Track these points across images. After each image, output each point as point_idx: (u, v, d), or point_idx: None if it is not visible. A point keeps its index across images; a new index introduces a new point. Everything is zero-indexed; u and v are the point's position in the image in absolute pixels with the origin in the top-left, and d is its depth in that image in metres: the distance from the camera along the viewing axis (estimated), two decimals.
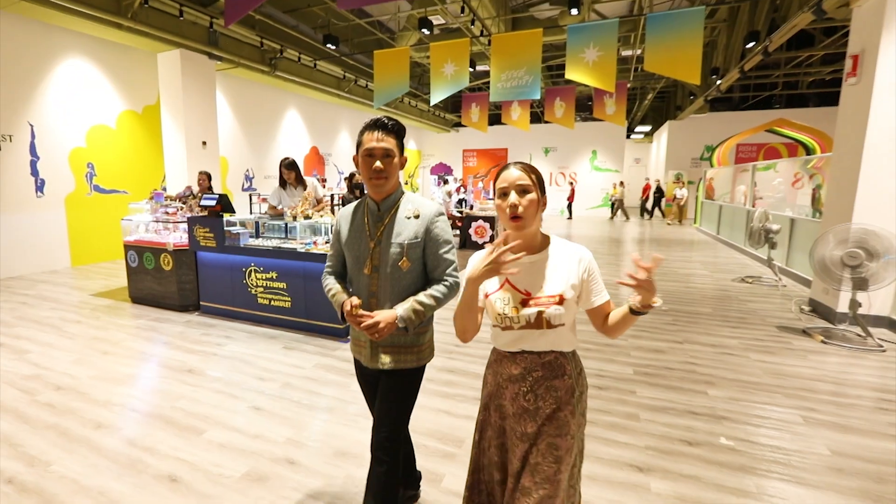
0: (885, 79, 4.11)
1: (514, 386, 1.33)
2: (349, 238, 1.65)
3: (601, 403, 2.98)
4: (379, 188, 1.57)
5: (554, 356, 1.31)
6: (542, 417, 1.29)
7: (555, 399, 1.30)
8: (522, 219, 1.26)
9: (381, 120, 1.56)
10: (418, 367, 1.65)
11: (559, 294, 1.27)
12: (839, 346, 3.99)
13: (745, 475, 2.26)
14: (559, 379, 1.31)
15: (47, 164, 7.39)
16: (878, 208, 4.24)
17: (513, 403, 1.33)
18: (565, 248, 1.34)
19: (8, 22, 6.71)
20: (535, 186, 1.28)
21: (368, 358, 1.63)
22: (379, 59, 8.44)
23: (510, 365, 1.35)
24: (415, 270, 1.58)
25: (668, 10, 6.57)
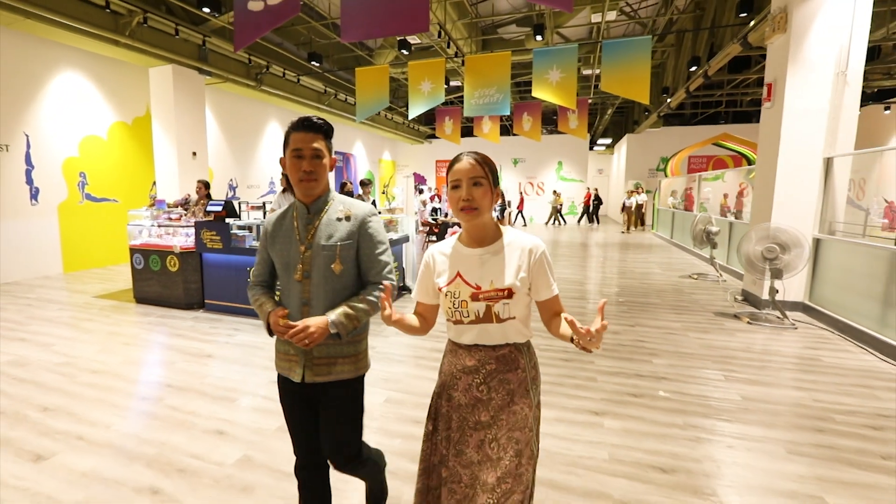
0: (792, 104, 5.00)
1: (468, 377, 1.33)
2: (278, 244, 1.56)
3: (567, 370, 3.64)
4: (309, 190, 1.49)
5: (508, 349, 1.32)
6: (494, 408, 1.29)
7: (507, 392, 1.30)
8: (476, 210, 1.26)
9: (309, 119, 1.47)
10: (357, 378, 1.57)
11: (507, 287, 1.26)
12: (761, 326, 4.80)
13: (676, 415, 2.94)
14: (512, 372, 1.31)
15: (41, 172, 7.65)
16: (791, 211, 5.11)
17: (465, 394, 1.33)
18: (518, 239, 1.32)
19: (6, 36, 7.01)
20: (487, 178, 1.27)
21: (301, 372, 1.51)
22: (360, 75, 9.03)
23: (465, 356, 1.34)
24: (348, 274, 1.52)
25: (621, 38, 7.44)
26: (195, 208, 5.98)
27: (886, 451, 2.48)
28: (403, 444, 2.60)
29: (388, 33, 4.11)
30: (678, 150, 16.58)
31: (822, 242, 5.03)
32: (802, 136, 5.03)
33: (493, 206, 1.30)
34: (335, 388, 1.53)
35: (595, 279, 7.55)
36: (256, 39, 4.56)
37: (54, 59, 7.75)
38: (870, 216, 11.21)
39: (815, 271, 5.12)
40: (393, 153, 22.11)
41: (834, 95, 4.87)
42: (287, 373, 1.55)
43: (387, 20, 4.08)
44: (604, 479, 2.25)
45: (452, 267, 1.34)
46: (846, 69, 4.81)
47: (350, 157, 18.06)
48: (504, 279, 1.27)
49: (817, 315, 4.95)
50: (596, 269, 8.48)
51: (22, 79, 7.31)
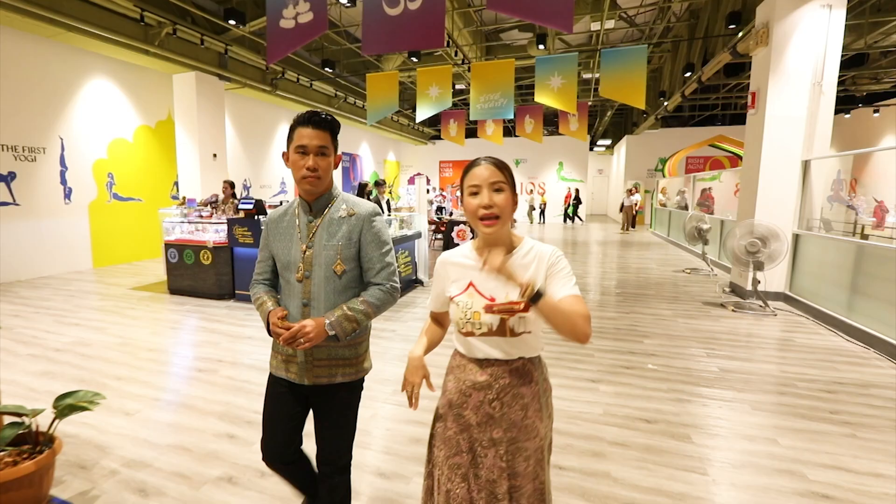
0: (773, 111, 5.49)
1: (480, 394, 1.25)
2: (279, 242, 1.52)
3: (568, 348, 4.13)
4: (312, 188, 1.44)
5: (522, 363, 1.25)
6: (507, 422, 1.24)
7: (521, 406, 1.24)
8: (497, 219, 1.18)
9: (317, 114, 1.42)
10: (357, 381, 1.53)
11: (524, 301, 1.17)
12: (744, 313, 5.28)
13: (661, 382, 3.43)
14: (526, 386, 1.25)
15: (74, 173, 8.15)
16: (773, 209, 5.59)
17: (477, 412, 1.26)
18: (535, 249, 1.25)
19: (43, 46, 7.50)
20: (508, 183, 1.20)
21: (300, 373, 1.48)
22: (371, 81, 9.51)
23: (475, 371, 1.27)
24: (350, 275, 1.47)
25: (619, 47, 7.92)
26: (224, 206, 6.48)
27: (835, 408, 2.97)
28: None
29: (406, 48, 4.60)
30: (676, 150, 17.08)
31: (801, 237, 5.51)
32: (783, 141, 5.51)
33: (514, 213, 1.23)
34: (334, 391, 1.49)
35: (595, 273, 8.04)
36: (288, 54, 5.05)
37: (85, 66, 8.24)
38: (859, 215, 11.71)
39: (794, 264, 5.61)
40: (397, 154, 22.60)
41: (811, 103, 5.36)
42: (283, 374, 1.52)
43: (406, 36, 4.56)
44: (599, 427, 2.74)
45: (465, 276, 1.27)
46: (822, 80, 5.29)
47: (356, 157, 18.55)
48: (517, 291, 1.15)
49: (796, 304, 5.44)
50: (596, 265, 8.97)
51: (57, 85, 7.81)
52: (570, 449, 2.49)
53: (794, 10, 5.29)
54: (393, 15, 4.38)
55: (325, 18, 4.78)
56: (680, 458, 2.40)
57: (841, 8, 5.19)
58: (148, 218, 9.40)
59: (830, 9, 5.18)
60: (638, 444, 2.54)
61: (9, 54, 7.10)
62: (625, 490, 2.14)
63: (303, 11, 4.80)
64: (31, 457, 1.98)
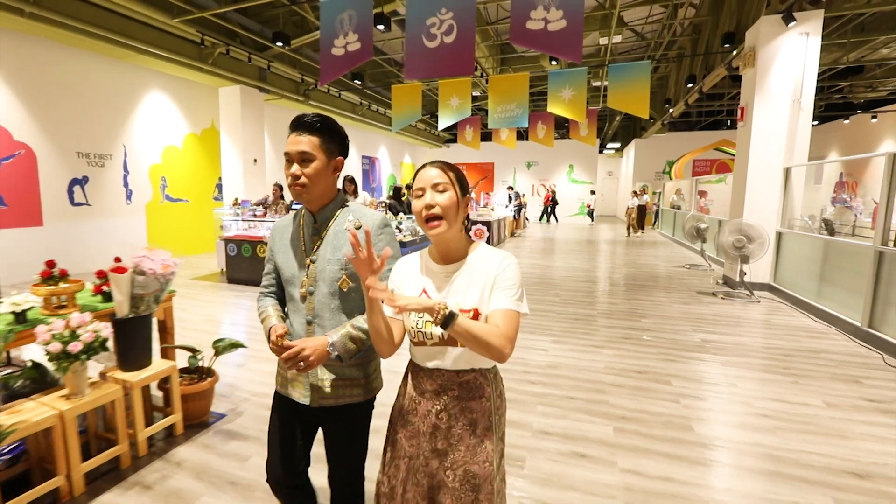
0: (758, 125, 6.26)
1: (428, 403, 1.23)
2: (283, 254, 1.47)
3: (577, 325, 4.95)
4: (298, 196, 1.38)
5: (473, 376, 1.21)
6: (454, 437, 1.20)
7: (469, 421, 1.20)
8: (441, 219, 1.15)
9: (301, 117, 1.38)
10: (367, 402, 1.46)
11: (474, 308, 1.14)
12: (732, 301, 6.06)
13: (652, 348, 4.22)
14: (476, 400, 1.21)
15: (134, 177, 9.12)
16: (759, 210, 6.36)
17: (424, 421, 1.23)
18: (489, 255, 1.21)
19: (111, 65, 8.47)
20: (453, 185, 1.17)
21: (304, 393, 1.41)
22: (396, 92, 10.37)
23: (425, 380, 1.24)
24: (358, 291, 1.40)
25: (625, 63, 8.71)
26: (275, 207, 7.39)
27: (787, 366, 3.77)
28: None
29: (442, 76, 5.44)
30: (683, 154, 17.77)
31: (784, 235, 6.28)
32: (767, 150, 6.28)
33: (462, 218, 1.20)
34: (342, 413, 1.42)
35: (603, 269, 8.83)
36: (338, 77, 5.92)
37: (144, 82, 9.22)
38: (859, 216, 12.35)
39: (777, 258, 6.37)
40: (413, 157, 23.51)
41: (791, 118, 6.12)
42: (287, 392, 1.45)
43: (441, 65, 5.40)
44: (601, 374, 3.57)
45: (418, 282, 1.24)
46: (800, 98, 6.06)
47: (375, 160, 19.48)
48: (471, 299, 1.15)
49: (779, 293, 6.20)
50: (604, 262, 9.75)
51: (122, 99, 8.79)
52: (579, 387, 3.33)
53: (777, 36, 6.06)
54: (431, 47, 5.23)
55: (371, 47, 5.65)
56: (661, 394, 3.22)
57: (817, 35, 5.95)
58: (194, 217, 10.37)
59: (808, 36, 5.94)
60: (630, 385, 3.37)
61: (85, 74, 8.09)
62: (618, 410, 2.97)
63: (352, 41, 5.67)
64: (201, 381, 2.86)
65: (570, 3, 4.59)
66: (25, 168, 7.38)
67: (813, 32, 5.94)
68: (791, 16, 5.81)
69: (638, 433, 2.68)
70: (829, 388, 3.33)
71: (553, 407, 3.02)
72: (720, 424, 2.81)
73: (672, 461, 2.40)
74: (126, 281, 2.23)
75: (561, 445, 2.55)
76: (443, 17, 5.11)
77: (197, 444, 2.57)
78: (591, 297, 6.21)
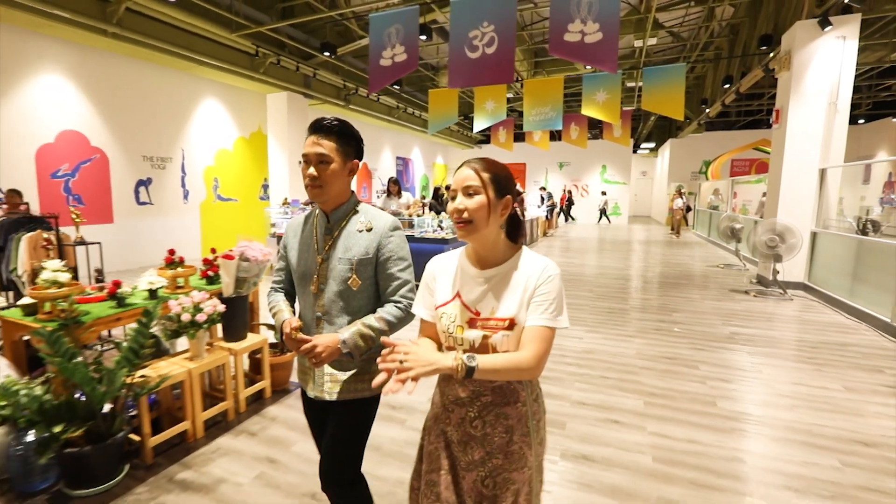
0: (793, 127, 6.38)
1: (461, 410, 1.18)
2: (295, 252, 1.52)
3: (610, 317, 5.23)
4: (314, 198, 1.43)
5: (507, 381, 1.15)
6: (491, 445, 1.15)
7: (506, 428, 1.15)
8: (470, 223, 1.11)
9: (319, 121, 1.44)
10: (370, 398, 1.49)
11: (509, 318, 1.10)
12: (764, 298, 6.21)
13: (683, 338, 4.47)
14: (511, 406, 1.16)
15: (191, 178, 9.85)
16: (793, 210, 6.47)
17: (458, 429, 1.18)
18: (531, 262, 1.15)
19: (171, 75, 9.20)
20: (485, 187, 1.10)
21: (316, 386, 1.47)
22: (433, 96, 10.79)
23: (457, 386, 1.19)
24: (367, 290, 1.45)
25: (659, 66, 8.87)
26: None
27: (813, 356, 3.98)
28: None
29: (484, 84, 5.81)
30: (720, 154, 17.56)
31: (818, 235, 6.37)
32: (802, 152, 6.39)
33: (499, 221, 1.14)
34: (345, 407, 1.46)
35: (636, 267, 9.01)
36: (385, 86, 6.37)
37: (200, 90, 9.94)
38: None
39: (812, 257, 6.47)
40: (445, 157, 23.96)
41: (827, 120, 6.22)
42: (305, 385, 1.52)
43: (483, 75, 5.77)
44: (632, 359, 3.88)
45: (453, 285, 1.20)
46: (836, 100, 6.15)
47: (409, 161, 20.01)
48: (508, 307, 1.12)
49: (813, 292, 6.30)
50: (637, 261, 9.92)
51: (180, 106, 9.52)
52: (612, 369, 3.65)
53: (812, 40, 6.18)
54: (473, 58, 5.60)
55: (416, 58, 6.07)
56: (688, 376, 3.51)
57: (854, 39, 6.04)
58: (242, 215, 11.07)
59: (844, 39, 6.04)
60: (660, 368, 3.67)
61: (150, 84, 8.83)
62: (648, 388, 3.28)
63: (399, 53, 6.11)
64: (283, 354, 3.32)
65: (606, 16, 4.89)
66: (100, 171, 8.14)
67: (850, 36, 6.04)
68: (827, 20, 5.92)
69: (666, 406, 2.99)
70: (850, 375, 3.55)
71: (589, 384, 3.36)
72: (742, 402, 3.09)
73: (696, 428, 2.71)
74: (234, 266, 2.69)
75: (597, 413, 2.89)
76: (485, 29, 5.48)
77: (283, 405, 3.03)
78: (623, 294, 6.47)
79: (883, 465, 2.35)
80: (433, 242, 6.41)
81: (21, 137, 6.93)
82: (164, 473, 2.27)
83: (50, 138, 7.33)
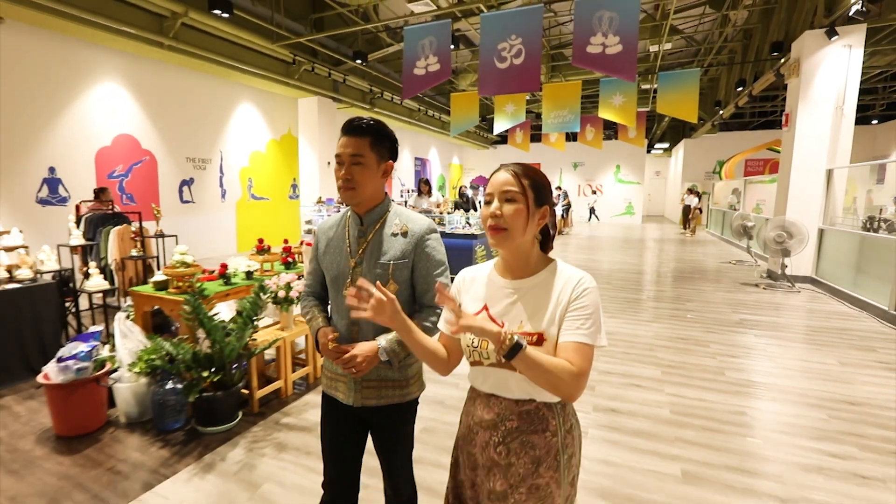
0: (801, 131, 6.77)
1: (486, 433, 1.11)
2: (327, 254, 1.46)
3: (628, 305, 5.69)
4: (347, 199, 1.38)
5: (535, 406, 1.07)
6: (514, 477, 1.07)
7: (532, 459, 1.06)
8: (504, 231, 1.04)
9: (353, 121, 1.36)
10: (407, 403, 1.47)
11: (538, 332, 1.03)
12: (773, 290, 6.61)
13: (695, 323, 4.91)
14: (538, 434, 1.06)
15: (228, 178, 10.47)
16: (800, 209, 6.86)
17: (482, 453, 1.11)
18: (564, 275, 1.08)
19: (210, 81, 9.82)
20: (523, 195, 1.05)
21: (348, 394, 1.42)
22: (455, 99, 11.29)
23: (482, 407, 1.12)
24: (403, 295, 1.39)
25: (674, 71, 9.27)
26: None
27: (811, 338, 4.41)
28: None
29: (510, 92, 6.30)
30: (733, 154, 17.83)
31: (825, 231, 6.76)
32: (810, 154, 6.77)
33: (535, 230, 1.08)
34: (386, 412, 1.45)
35: (650, 263, 9.43)
36: (418, 94, 6.88)
37: (237, 95, 10.56)
38: None
39: (819, 252, 6.85)
40: (461, 158, 24.47)
41: (834, 124, 6.60)
42: (333, 392, 1.48)
43: (510, 83, 6.25)
44: (651, 340, 4.35)
45: (481, 297, 1.14)
46: (843, 105, 6.53)
47: (426, 161, 20.55)
48: (536, 322, 1.04)
49: (820, 285, 6.69)
50: (651, 257, 10.34)
51: (220, 110, 10.15)
52: (633, 346, 4.13)
53: (820, 49, 6.57)
54: (502, 68, 6.09)
55: (449, 68, 6.58)
56: (700, 353, 3.97)
57: (859, 47, 6.42)
58: (273, 213, 11.69)
59: (850, 48, 6.42)
60: (675, 346, 4.14)
61: (193, 90, 9.47)
62: (665, 361, 3.76)
63: (432, 63, 6.62)
64: None
65: (626, 30, 5.34)
66: (149, 171, 8.78)
67: (855, 45, 6.42)
68: (834, 30, 6.31)
69: (680, 374, 3.47)
70: (846, 353, 3.98)
71: (612, 358, 3.84)
72: (747, 372, 3.55)
73: (706, 391, 3.18)
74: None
75: (621, 379, 3.38)
76: (512, 42, 5.97)
77: None
78: (639, 286, 6.92)
79: (864, 418, 2.80)
80: (462, 238, 6.92)
81: (83, 140, 7.57)
82: (271, 418, 2.80)
83: (107, 141, 7.97)
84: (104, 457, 2.43)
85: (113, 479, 2.25)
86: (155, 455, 2.44)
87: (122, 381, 2.69)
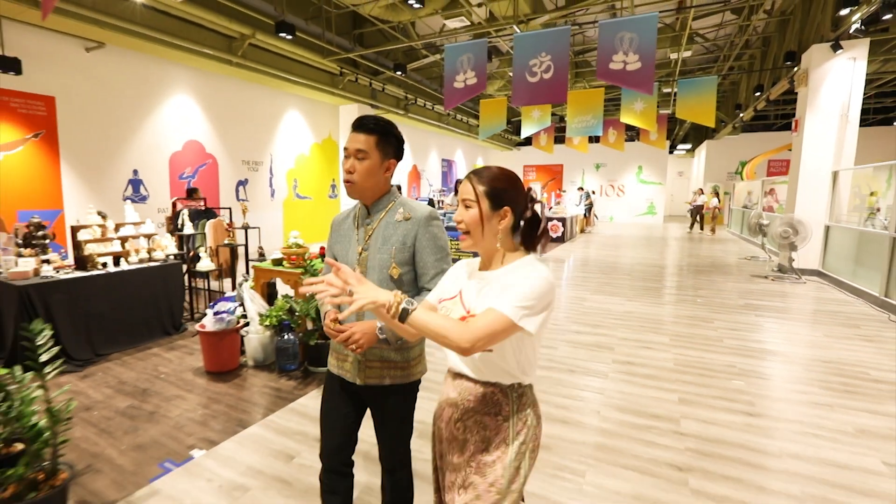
0: (809, 136, 7.36)
1: (450, 410, 1.23)
2: (339, 244, 1.59)
3: (646, 293, 6.39)
4: (350, 191, 1.49)
5: (491, 389, 1.17)
6: (468, 451, 1.18)
7: (482, 438, 1.17)
8: (465, 235, 1.18)
9: (363, 119, 1.47)
10: (409, 384, 1.55)
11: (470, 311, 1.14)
12: (781, 282, 7.22)
13: (704, 307, 5.59)
14: (491, 416, 1.16)
15: (276, 179, 11.47)
16: (807, 207, 7.45)
17: (446, 427, 1.24)
18: (522, 266, 1.16)
19: (264, 91, 10.83)
20: (476, 202, 1.15)
21: (353, 372, 1.52)
22: (484, 105, 12.06)
23: (450, 386, 1.25)
24: (406, 279, 1.49)
25: (693, 78, 9.87)
26: None
27: (810, 318, 5.06)
28: None
29: (541, 103, 7.06)
30: (756, 154, 18.21)
31: (831, 228, 7.33)
32: (817, 157, 7.36)
33: (496, 231, 1.16)
34: (387, 393, 1.53)
35: (668, 258, 10.06)
36: (458, 105, 7.71)
37: (285, 103, 11.56)
38: None
39: (826, 247, 7.43)
40: (486, 159, 25.23)
41: (839, 130, 7.18)
42: (339, 372, 1.56)
43: (540, 96, 7.02)
44: (662, 316, 5.07)
45: (460, 284, 1.24)
46: (847, 113, 7.11)
47: (452, 163, 21.38)
48: (483, 305, 1.11)
49: (826, 277, 7.27)
50: (670, 253, 10.95)
51: (271, 118, 11.16)
52: (647, 322, 4.87)
53: (827, 60, 7.15)
54: (533, 82, 6.86)
55: (485, 81, 7.38)
56: (705, 328, 4.68)
57: (863, 59, 6.99)
58: (315, 211, 12.67)
59: (855, 60, 7.00)
60: (683, 321, 4.87)
61: (249, 99, 10.49)
62: (673, 332, 4.49)
63: (470, 77, 7.43)
64: None
65: (644, 48, 6.06)
66: (212, 173, 9.81)
67: (860, 57, 6.99)
68: (839, 45, 6.90)
69: (686, 341, 4.21)
70: (833, 329, 4.65)
71: (629, 330, 4.59)
72: (742, 340, 4.27)
73: (706, 351, 3.93)
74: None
75: (636, 344, 4.14)
76: (542, 58, 6.74)
77: None
78: (656, 277, 7.61)
79: (831, 369, 3.53)
80: None
81: (158, 146, 8.62)
82: None
83: (178, 147, 9.01)
84: (247, 384, 3.32)
85: (256, 399, 3.12)
86: (283, 385, 3.31)
87: (252, 333, 3.57)
